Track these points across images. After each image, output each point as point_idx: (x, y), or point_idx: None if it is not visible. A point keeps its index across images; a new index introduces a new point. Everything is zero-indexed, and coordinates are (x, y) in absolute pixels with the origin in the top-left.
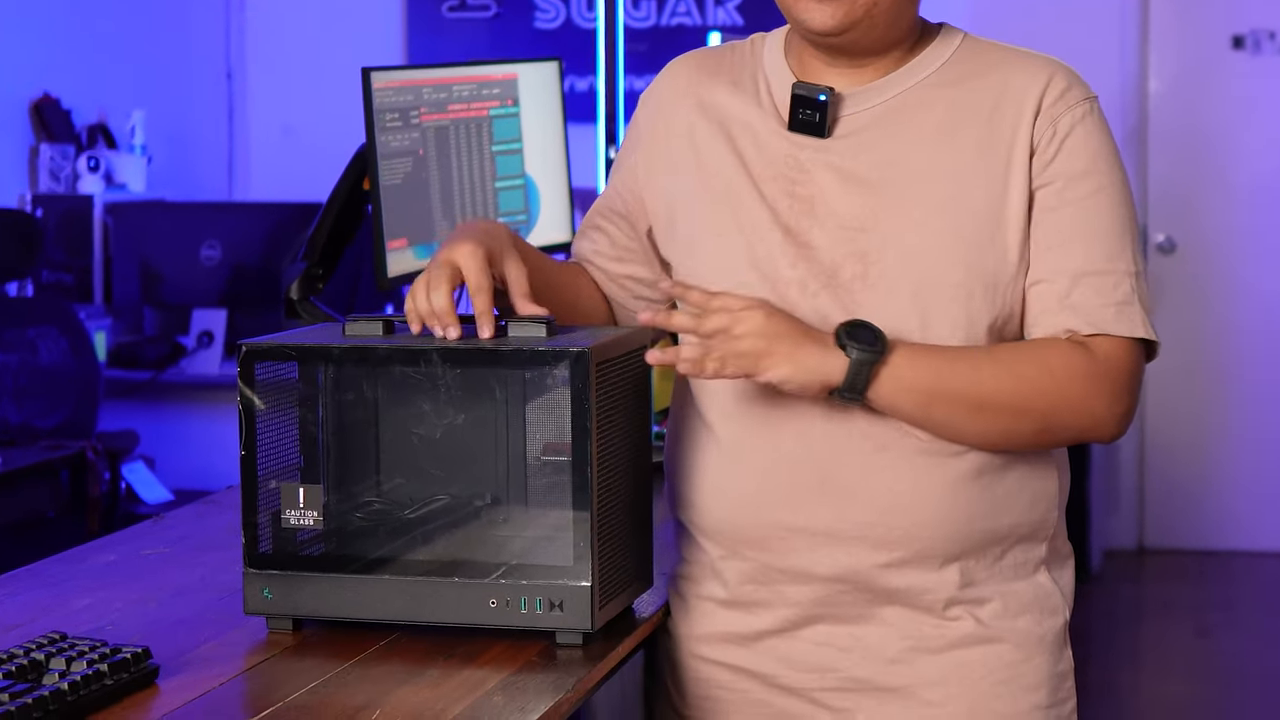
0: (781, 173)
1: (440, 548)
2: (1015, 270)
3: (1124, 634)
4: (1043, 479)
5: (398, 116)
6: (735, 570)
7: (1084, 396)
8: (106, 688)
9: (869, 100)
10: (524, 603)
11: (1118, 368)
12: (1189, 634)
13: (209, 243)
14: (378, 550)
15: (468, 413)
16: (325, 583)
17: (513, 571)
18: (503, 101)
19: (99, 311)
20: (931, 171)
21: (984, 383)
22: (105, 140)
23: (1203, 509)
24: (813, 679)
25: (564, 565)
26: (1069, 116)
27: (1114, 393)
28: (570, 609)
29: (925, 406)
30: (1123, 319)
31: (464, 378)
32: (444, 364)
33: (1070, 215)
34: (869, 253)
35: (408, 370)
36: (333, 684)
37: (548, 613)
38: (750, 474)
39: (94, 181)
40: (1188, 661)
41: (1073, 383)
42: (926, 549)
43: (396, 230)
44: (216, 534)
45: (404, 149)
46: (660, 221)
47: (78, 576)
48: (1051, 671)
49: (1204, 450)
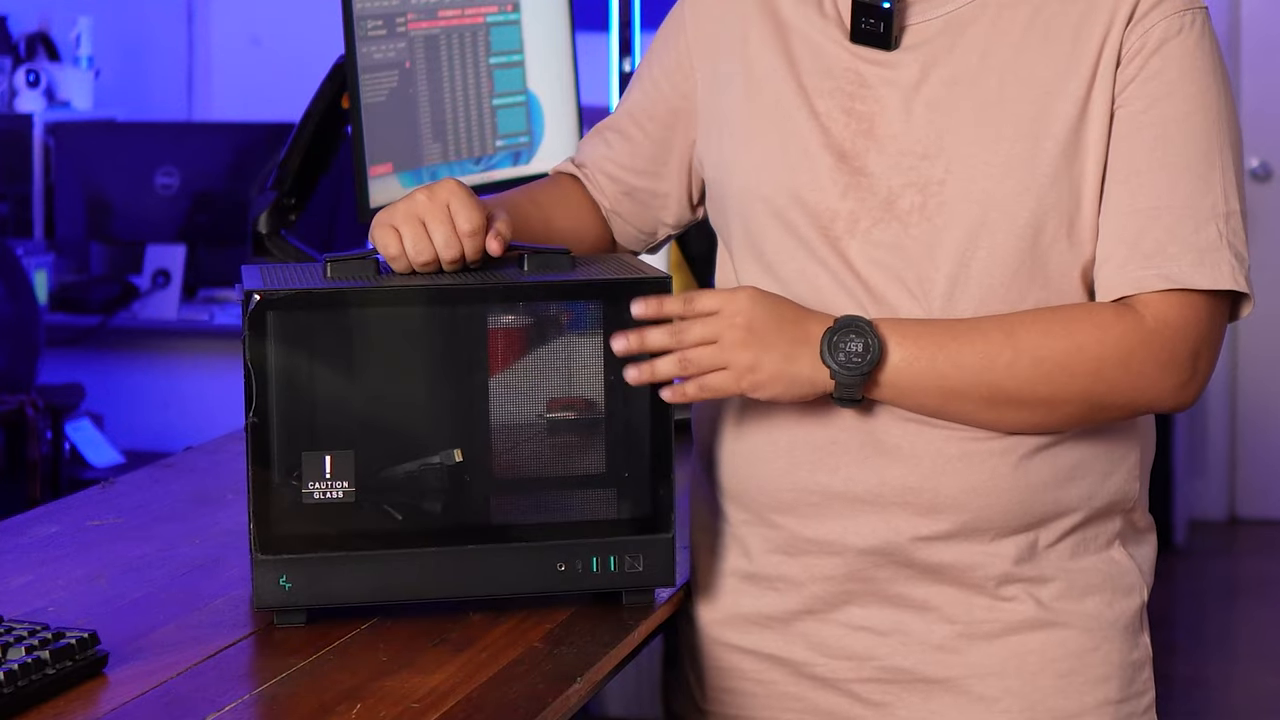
0: (840, 87)
1: (496, 511)
2: (1094, 208)
3: (1213, 617)
4: (1122, 446)
5: (381, 24)
6: (761, 539)
7: (1129, 375)
8: (48, 677)
9: (942, 6)
10: (595, 563)
11: (1179, 330)
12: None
13: (165, 169)
14: (421, 522)
15: (530, 356)
16: (362, 564)
17: (581, 530)
18: (501, 7)
19: (39, 247)
20: (1007, 90)
21: (1001, 379)
22: (46, 51)
23: None
24: (848, 668)
25: (642, 517)
26: (1164, 25)
27: (1171, 361)
28: (651, 565)
29: (937, 409)
30: (1203, 268)
31: (527, 317)
32: (506, 302)
33: (1150, 141)
34: (929, 182)
35: (461, 311)
36: (307, 673)
37: (623, 572)
38: (782, 429)
39: (33, 98)
40: None
41: (1111, 361)
42: (978, 521)
43: (380, 154)
44: (173, 502)
45: (388, 61)
46: (706, 136)
47: (15, 550)
48: (1124, 661)
49: None
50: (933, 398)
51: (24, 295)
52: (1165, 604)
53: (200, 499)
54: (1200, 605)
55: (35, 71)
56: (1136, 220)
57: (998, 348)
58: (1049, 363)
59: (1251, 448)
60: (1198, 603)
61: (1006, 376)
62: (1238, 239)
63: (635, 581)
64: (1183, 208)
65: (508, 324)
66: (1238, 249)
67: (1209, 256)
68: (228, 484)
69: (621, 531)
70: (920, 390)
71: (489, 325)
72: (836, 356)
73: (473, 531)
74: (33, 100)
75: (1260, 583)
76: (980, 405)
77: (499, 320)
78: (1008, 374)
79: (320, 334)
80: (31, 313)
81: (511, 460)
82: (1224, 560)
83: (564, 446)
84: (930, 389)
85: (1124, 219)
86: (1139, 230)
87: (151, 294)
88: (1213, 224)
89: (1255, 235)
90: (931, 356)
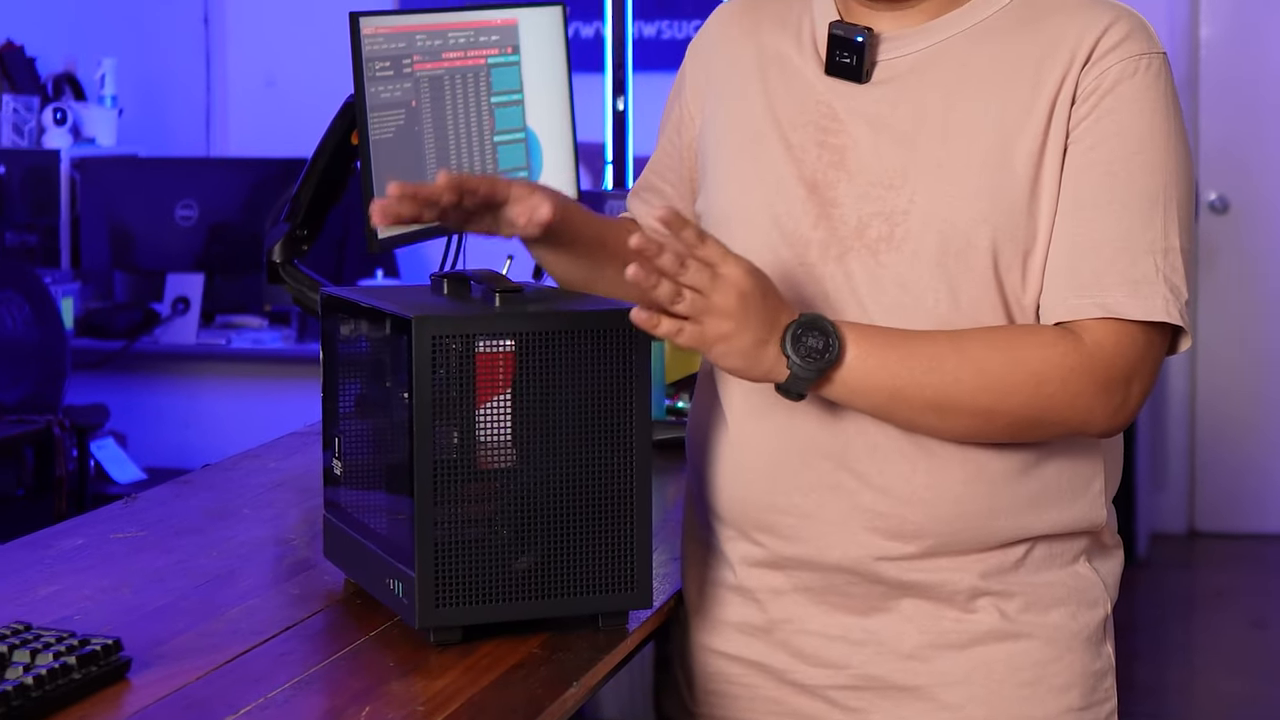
0: (813, 120)
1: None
2: (1049, 239)
3: (1173, 626)
4: (1087, 472)
5: (389, 65)
6: (744, 554)
7: (1065, 394)
8: (75, 682)
9: (913, 44)
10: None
11: (1113, 358)
12: (1244, 625)
13: (185, 202)
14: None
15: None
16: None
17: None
18: (502, 49)
19: (65, 276)
20: (971, 126)
21: (946, 383)
22: (73, 91)
23: (1259, 489)
24: (825, 675)
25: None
26: (1119, 68)
27: (1104, 387)
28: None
29: (883, 408)
30: (1137, 300)
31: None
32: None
33: (1097, 178)
34: (895, 212)
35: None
36: (319, 677)
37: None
38: (762, 453)
39: (60, 135)
40: (1244, 656)
41: (1050, 380)
42: (945, 544)
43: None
44: (192, 517)
45: (395, 100)
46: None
47: (43, 562)
48: (1087, 670)
49: (1260, 426)
50: (882, 398)
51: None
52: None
53: (217, 513)
54: (1161, 614)
55: (62, 110)
56: (1079, 251)
57: (946, 356)
58: (991, 374)
59: (1209, 465)
60: (1159, 612)
61: (952, 383)
62: (1175, 274)
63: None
64: (1122, 241)
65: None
66: (1174, 284)
67: (1143, 289)
68: (244, 499)
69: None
70: (871, 389)
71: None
72: (799, 349)
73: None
74: (60, 137)
75: (1218, 593)
76: (924, 409)
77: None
78: (953, 381)
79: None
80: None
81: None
82: (1184, 572)
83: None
84: (880, 389)
85: (1068, 250)
86: (1080, 260)
87: (172, 320)
88: (1150, 258)
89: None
90: (883, 358)
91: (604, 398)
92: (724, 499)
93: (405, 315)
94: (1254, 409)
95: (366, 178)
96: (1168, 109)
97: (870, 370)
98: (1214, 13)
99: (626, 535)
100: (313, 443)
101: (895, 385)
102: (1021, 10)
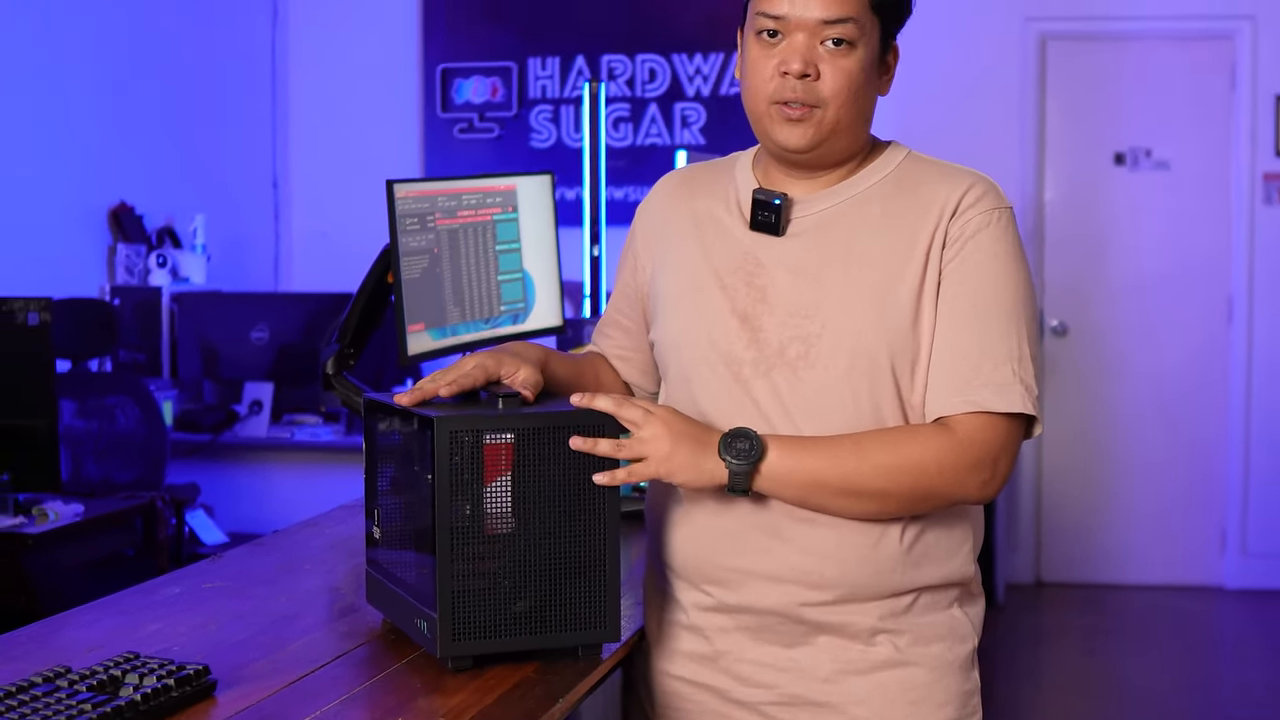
0: (741, 266)
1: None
2: (929, 354)
3: (1023, 656)
4: (959, 536)
5: (416, 221)
6: (694, 600)
7: (943, 476)
8: (173, 699)
9: (818, 205)
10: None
11: (981, 443)
12: (1078, 655)
13: (258, 326)
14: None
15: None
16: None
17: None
18: (504, 209)
19: (166, 384)
20: (866, 267)
21: (849, 475)
22: (171, 240)
23: (1090, 549)
24: (759, 694)
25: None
26: (977, 220)
27: (974, 466)
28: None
29: (802, 496)
30: (1000, 397)
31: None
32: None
33: (964, 304)
34: (810, 336)
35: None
36: (364, 694)
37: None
38: (711, 524)
39: (162, 275)
40: (1077, 679)
41: (933, 463)
42: (852, 594)
43: (415, 316)
44: (265, 570)
45: (421, 248)
46: (651, 308)
47: (149, 606)
48: (960, 690)
49: (1091, 501)
50: (800, 489)
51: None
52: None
53: (284, 568)
54: (1015, 647)
55: (163, 255)
56: (953, 361)
57: (848, 454)
58: (884, 466)
59: (1052, 530)
60: (1013, 646)
61: (853, 473)
62: (1028, 376)
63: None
64: (986, 352)
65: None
66: (1027, 383)
67: (1004, 388)
68: (304, 557)
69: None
70: (791, 482)
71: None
72: (731, 451)
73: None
74: (161, 277)
75: (1060, 631)
76: (835, 495)
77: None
78: (854, 472)
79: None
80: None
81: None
82: (1032, 613)
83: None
84: (797, 481)
85: (944, 360)
86: (954, 368)
87: (248, 418)
88: (1008, 365)
89: (1055, 374)
90: (799, 457)
91: (582, 479)
92: (679, 558)
93: (429, 415)
94: (1087, 487)
95: (399, 308)
96: (1016, 250)
97: (789, 467)
98: (1054, 180)
99: (600, 585)
100: (357, 513)
101: (809, 478)
102: (899, 178)
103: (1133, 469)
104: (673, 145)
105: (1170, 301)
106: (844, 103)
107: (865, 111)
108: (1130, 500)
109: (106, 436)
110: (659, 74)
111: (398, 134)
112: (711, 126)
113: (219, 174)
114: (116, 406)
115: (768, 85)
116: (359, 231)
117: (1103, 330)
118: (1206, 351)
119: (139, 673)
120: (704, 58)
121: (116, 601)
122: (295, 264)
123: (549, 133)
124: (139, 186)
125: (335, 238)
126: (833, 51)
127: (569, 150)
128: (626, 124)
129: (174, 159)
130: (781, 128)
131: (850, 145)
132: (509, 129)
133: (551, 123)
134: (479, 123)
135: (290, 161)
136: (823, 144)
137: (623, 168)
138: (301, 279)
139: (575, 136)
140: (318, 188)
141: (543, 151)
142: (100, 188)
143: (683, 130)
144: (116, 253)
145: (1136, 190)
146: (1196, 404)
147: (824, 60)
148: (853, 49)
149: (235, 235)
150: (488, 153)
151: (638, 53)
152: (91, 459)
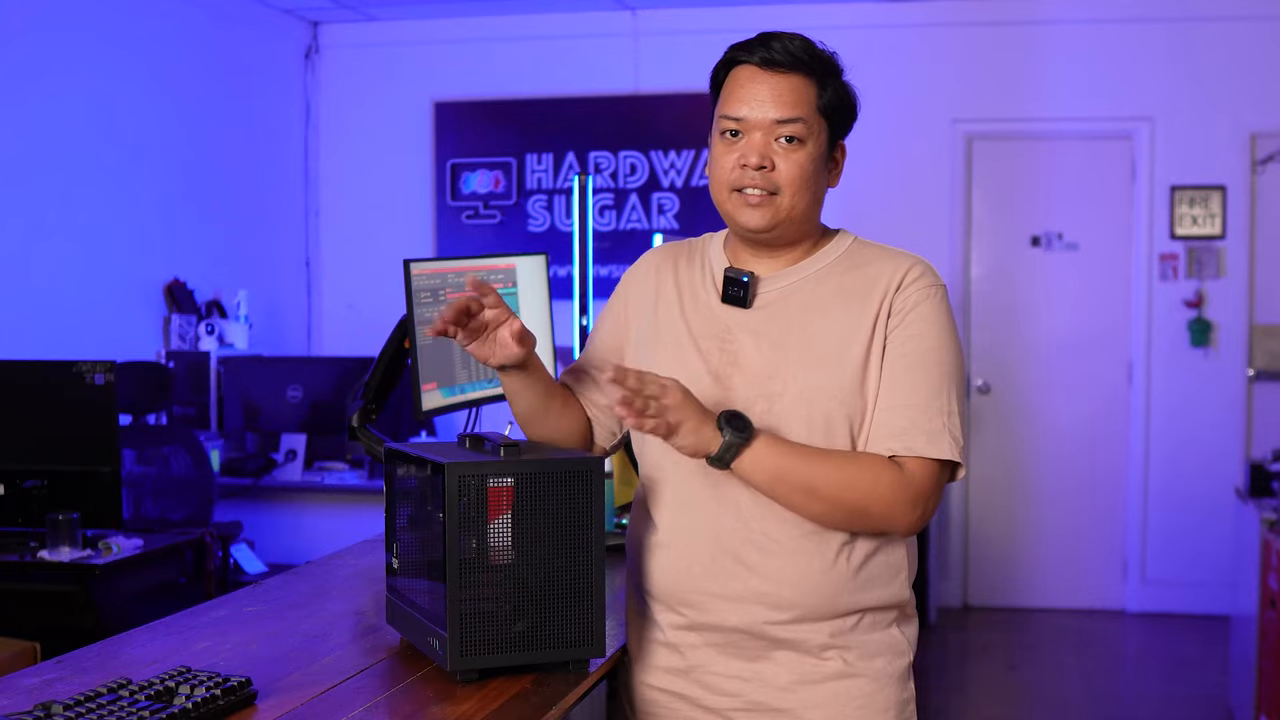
0: (715, 333)
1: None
2: (873, 406)
3: (953, 670)
4: (898, 566)
5: (429, 295)
6: (670, 620)
7: (887, 499)
8: (219, 707)
9: (781, 281)
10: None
11: (919, 482)
12: (1001, 669)
13: (293, 386)
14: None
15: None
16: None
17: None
18: (505, 284)
19: (213, 435)
20: (822, 335)
21: (814, 476)
22: (219, 312)
23: (1012, 576)
24: (726, 701)
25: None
26: (917, 294)
27: (911, 500)
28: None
29: (771, 484)
30: (932, 445)
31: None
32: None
33: (905, 364)
34: (773, 395)
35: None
36: (385, 703)
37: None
38: (684, 553)
39: (210, 342)
40: (1000, 690)
41: (880, 488)
42: (807, 613)
43: (429, 377)
44: (299, 596)
45: (434, 318)
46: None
47: (198, 626)
48: (898, 699)
49: (1012, 535)
50: (771, 475)
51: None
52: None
53: (317, 594)
54: (945, 663)
55: (211, 324)
56: (893, 412)
57: (817, 459)
58: (846, 472)
59: (978, 560)
60: (944, 661)
61: (818, 476)
62: (956, 429)
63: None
64: (921, 406)
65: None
66: (955, 434)
67: (935, 437)
68: (333, 584)
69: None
70: (766, 468)
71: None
72: (730, 425)
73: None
74: (209, 343)
75: (984, 648)
76: (795, 490)
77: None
78: (818, 475)
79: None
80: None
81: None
82: (960, 633)
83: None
84: (771, 468)
85: (886, 411)
86: (894, 418)
87: (284, 465)
88: (940, 418)
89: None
90: (780, 450)
91: (573, 516)
92: (656, 584)
93: (441, 461)
94: (1008, 523)
95: (415, 370)
96: (948, 322)
97: (770, 454)
98: (979, 259)
99: (588, 608)
100: (378, 547)
101: (782, 470)
102: (851, 259)
103: (1047, 508)
104: (650, 229)
105: (1079, 364)
106: (797, 190)
107: (817, 199)
108: (1046, 535)
109: (162, 480)
110: (639, 168)
111: (413, 220)
112: (684, 213)
113: (260, 254)
114: (171, 454)
115: (730, 175)
116: (380, 304)
117: (1021, 388)
118: (1110, 407)
119: (190, 684)
120: (677, 154)
121: (170, 623)
122: (325, 332)
123: (544, 218)
124: (191, 265)
125: (360, 309)
126: (786, 147)
127: (561, 234)
128: (611, 211)
129: (221, 242)
130: (743, 211)
131: (804, 228)
132: (509, 215)
133: (546, 210)
134: (483, 210)
135: (321, 243)
136: (779, 225)
137: (607, 248)
138: (331, 345)
139: (566, 222)
140: (344, 266)
141: (538, 235)
142: (157, 266)
143: (659, 216)
144: (171, 322)
145: (1050, 268)
146: (1102, 452)
147: (778, 154)
148: (803, 145)
149: (273, 307)
150: (491, 236)
151: (620, 150)
152: (149, 499)
